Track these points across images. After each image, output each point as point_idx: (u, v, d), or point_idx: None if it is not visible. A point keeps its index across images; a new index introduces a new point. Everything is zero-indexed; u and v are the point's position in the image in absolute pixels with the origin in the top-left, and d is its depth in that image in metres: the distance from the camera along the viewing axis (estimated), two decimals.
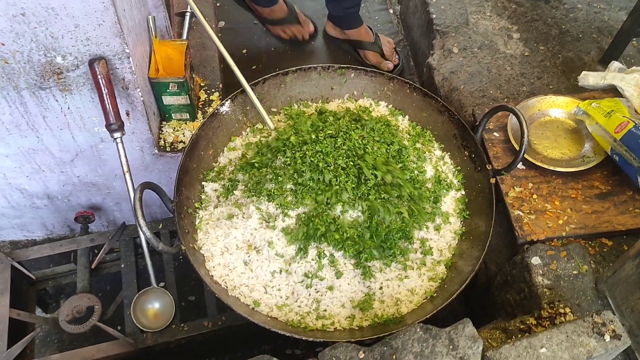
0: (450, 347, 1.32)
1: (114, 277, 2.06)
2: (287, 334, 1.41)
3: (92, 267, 1.88)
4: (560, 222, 1.65)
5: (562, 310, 1.49)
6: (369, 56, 2.66)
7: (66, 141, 1.80)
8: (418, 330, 1.34)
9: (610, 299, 1.49)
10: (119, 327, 1.76)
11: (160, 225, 1.93)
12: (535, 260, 1.59)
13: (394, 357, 1.31)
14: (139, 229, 1.55)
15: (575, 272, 1.57)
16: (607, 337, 1.32)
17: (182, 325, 1.74)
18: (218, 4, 2.98)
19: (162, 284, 1.85)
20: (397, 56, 2.67)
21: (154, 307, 1.75)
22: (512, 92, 2.07)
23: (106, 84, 1.51)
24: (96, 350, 1.69)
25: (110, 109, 1.54)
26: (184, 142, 1.91)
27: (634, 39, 2.21)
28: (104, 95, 1.52)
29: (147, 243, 1.68)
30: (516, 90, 2.08)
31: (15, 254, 1.87)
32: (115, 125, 1.56)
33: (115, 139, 1.58)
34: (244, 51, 2.84)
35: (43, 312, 2.13)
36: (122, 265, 1.86)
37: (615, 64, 1.96)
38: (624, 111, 1.70)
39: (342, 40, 2.72)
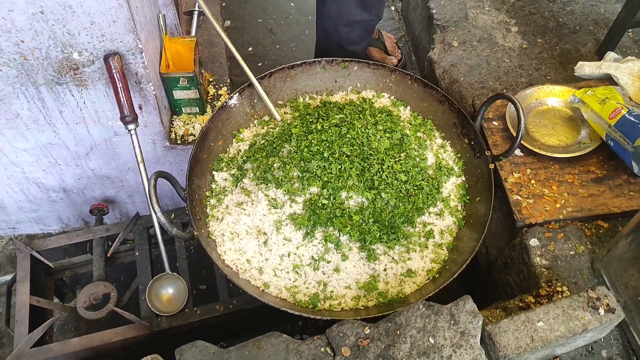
0: (452, 322, 1.38)
1: (128, 267, 2.14)
2: (296, 313, 1.48)
3: (108, 255, 1.95)
4: (558, 205, 1.71)
5: (559, 289, 1.55)
6: (373, 53, 2.73)
7: (81, 135, 1.88)
8: (421, 307, 1.41)
9: (606, 277, 1.55)
10: (134, 313, 1.83)
11: (173, 215, 2.01)
12: (533, 242, 1.65)
13: (398, 332, 1.37)
14: (153, 214, 1.63)
15: (572, 252, 1.63)
16: (602, 311, 1.38)
17: (195, 309, 1.81)
18: (224, 4, 3.06)
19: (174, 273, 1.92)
20: (399, 51, 2.74)
21: (168, 292, 1.82)
22: (511, 83, 2.13)
23: (121, 78, 1.59)
24: (113, 333, 1.77)
25: (125, 102, 1.61)
26: (194, 135, 1.98)
27: (630, 30, 2.27)
28: (119, 88, 1.60)
29: (161, 229, 1.75)
30: (515, 81, 2.14)
31: (34, 244, 1.95)
32: (129, 117, 1.63)
33: (130, 130, 1.66)
34: (250, 49, 2.92)
35: (60, 302, 2.20)
36: (137, 253, 1.93)
37: (610, 54, 2.02)
38: (618, 98, 1.76)
39: None
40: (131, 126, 1.65)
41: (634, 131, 1.64)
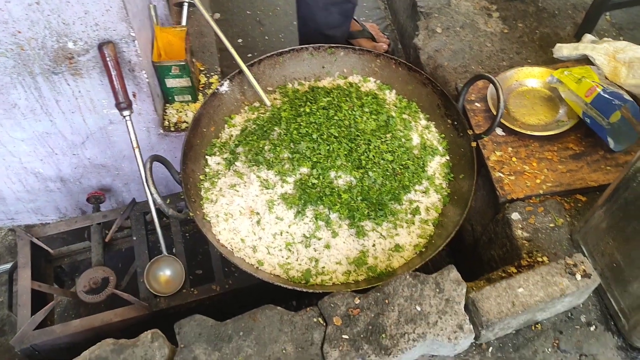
0: (437, 290, 1.45)
1: (126, 253, 2.19)
2: (290, 287, 1.55)
3: (107, 240, 2.01)
4: (538, 181, 1.79)
5: (540, 259, 1.62)
6: (362, 43, 2.80)
7: (77, 124, 1.93)
8: (407, 277, 1.48)
9: (584, 247, 1.63)
10: (133, 295, 1.89)
11: (168, 200, 2.06)
12: (515, 216, 1.73)
13: (387, 301, 1.44)
14: (149, 196, 1.69)
15: (552, 225, 1.70)
16: (579, 276, 1.46)
17: (192, 289, 1.87)
18: None
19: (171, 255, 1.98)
20: (385, 37, 2.81)
21: (166, 274, 1.89)
22: (493, 66, 2.21)
23: (115, 66, 1.65)
24: (113, 314, 1.83)
25: (119, 88, 1.67)
26: (187, 122, 2.04)
27: (606, 13, 2.35)
28: (113, 76, 1.65)
29: (158, 213, 1.81)
30: (497, 65, 2.21)
31: (33, 231, 2.00)
32: (124, 103, 1.69)
33: (125, 117, 1.71)
34: (239, 40, 2.98)
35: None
36: (134, 238, 1.99)
37: (588, 37, 2.10)
38: (593, 77, 1.84)
39: None
40: (126, 112, 1.71)
41: (609, 108, 1.72)
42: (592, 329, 1.55)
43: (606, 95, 1.74)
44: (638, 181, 1.37)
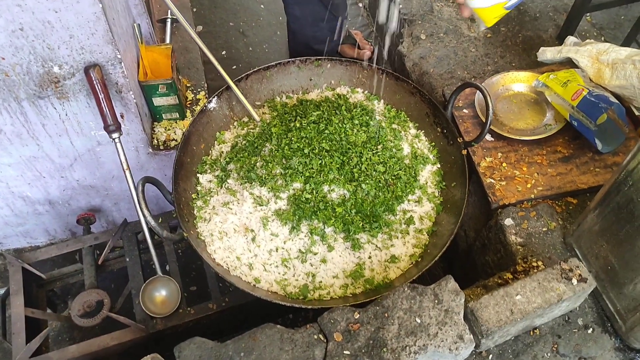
0: (436, 301, 1.46)
1: (118, 273, 2.18)
2: (288, 305, 1.54)
3: (99, 262, 1.99)
4: (529, 185, 1.80)
5: (535, 264, 1.64)
6: (346, 49, 2.80)
7: (65, 147, 1.91)
8: (406, 289, 1.48)
9: (577, 250, 1.64)
10: (128, 317, 1.88)
11: (160, 219, 2.05)
12: (508, 222, 1.74)
13: (386, 314, 1.45)
14: (142, 220, 1.68)
15: (544, 229, 1.72)
16: (575, 281, 1.47)
17: (189, 309, 1.86)
18: (194, 9, 3.10)
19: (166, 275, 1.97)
20: (369, 44, 2.82)
21: (162, 294, 1.87)
22: (478, 71, 2.22)
23: (102, 89, 1.63)
24: (110, 338, 1.81)
25: (107, 111, 1.66)
26: (176, 140, 2.03)
27: (587, 14, 2.38)
28: (101, 99, 1.64)
29: (151, 233, 1.79)
30: (482, 69, 2.23)
31: (24, 257, 1.98)
32: (113, 126, 1.68)
33: (114, 139, 1.70)
34: (223, 52, 2.97)
35: (53, 312, 2.23)
36: (127, 259, 1.98)
37: (570, 39, 2.12)
38: (579, 80, 1.86)
39: None
40: (115, 135, 1.70)
41: (595, 110, 1.74)
42: (589, 331, 1.57)
43: (592, 99, 1.76)
44: (629, 184, 1.38)
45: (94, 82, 1.61)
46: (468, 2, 1.45)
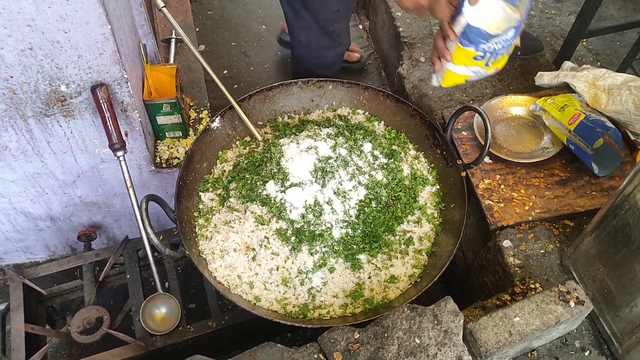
0: (435, 322, 1.47)
1: (118, 290, 2.18)
2: (288, 323, 1.56)
3: (100, 279, 2.00)
4: (527, 207, 1.83)
5: (532, 286, 1.66)
6: None
7: (69, 164, 1.93)
8: (406, 309, 1.50)
9: (574, 272, 1.66)
10: (128, 334, 1.88)
11: (161, 237, 2.06)
12: (506, 243, 1.76)
13: (386, 334, 1.46)
14: (145, 237, 1.70)
15: (542, 251, 1.74)
16: (572, 304, 1.49)
17: (189, 326, 1.87)
18: (197, 29, 3.14)
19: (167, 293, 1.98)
20: (359, 48, 2.88)
21: (161, 312, 1.88)
22: (477, 94, 2.26)
23: (108, 108, 1.66)
24: (109, 355, 1.81)
25: (113, 130, 1.68)
26: (179, 158, 2.06)
27: (583, 40, 2.43)
28: (107, 118, 1.66)
29: (152, 251, 1.81)
30: (480, 92, 2.27)
31: (25, 272, 1.99)
32: (118, 144, 1.70)
33: (119, 157, 1.72)
34: (225, 72, 3.01)
35: (52, 328, 2.23)
36: (128, 276, 1.99)
37: (567, 64, 2.16)
38: (576, 105, 1.90)
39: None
40: (120, 153, 1.72)
41: (592, 135, 1.77)
42: (586, 354, 1.58)
43: (589, 123, 1.79)
44: (626, 208, 1.41)
45: (101, 101, 1.64)
46: (445, 64, 1.54)
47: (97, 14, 1.48)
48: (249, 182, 1.78)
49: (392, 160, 1.86)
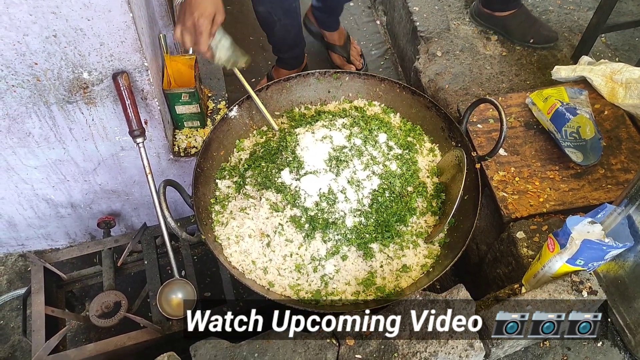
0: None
1: (135, 277, 2.23)
2: (301, 308, 1.58)
3: (119, 264, 2.04)
4: (541, 200, 1.83)
5: None
6: (335, 58, 2.87)
7: (90, 151, 1.98)
8: (418, 296, 1.51)
9: None
10: (145, 319, 1.92)
11: (178, 224, 2.09)
12: (520, 235, 1.77)
13: (398, 321, 1.47)
14: (162, 220, 1.73)
15: None
16: (585, 293, 1.49)
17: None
18: None
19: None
20: (362, 61, 2.87)
21: (178, 297, 1.91)
22: (493, 88, 2.26)
23: (129, 95, 1.69)
24: (127, 338, 1.85)
25: (133, 117, 1.72)
26: (196, 148, 2.09)
27: (602, 35, 2.42)
28: (127, 105, 1.70)
29: (169, 236, 1.84)
30: (497, 87, 2.27)
31: (46, 257, 2.04)
32: (137, 131, 1.74)
33: (138, 143, 1.76)
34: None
35: None
36: (145, 262, 2.02)
37: (585, 58, 2.16)
38: (563, 97, 1.90)
39: (318, 35, 2.93)
40: (139, 139, 1.76)
41: (562, 120, 1.80)
42: (599, 344, 1.58)
43: (562, 109, 1.82)
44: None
45: (122, 88, 1.68)
46: None
47: (119, 2, 1.51)
48: (265, 170, 1.81)
49: (407, 151, 1.87)
